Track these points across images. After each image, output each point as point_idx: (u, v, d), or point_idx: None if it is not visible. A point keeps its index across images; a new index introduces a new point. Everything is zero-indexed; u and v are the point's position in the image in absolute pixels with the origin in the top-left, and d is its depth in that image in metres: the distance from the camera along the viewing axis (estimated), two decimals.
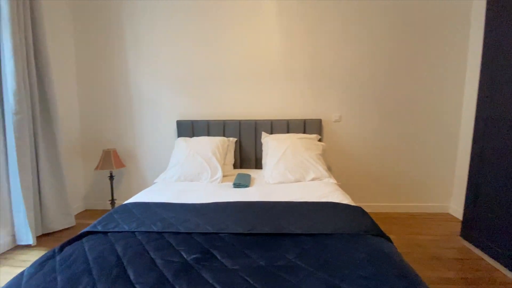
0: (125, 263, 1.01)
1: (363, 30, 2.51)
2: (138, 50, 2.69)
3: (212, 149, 2.33)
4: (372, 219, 1.40)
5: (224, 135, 2.64)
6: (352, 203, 1.58)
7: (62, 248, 1.14)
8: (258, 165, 2.64)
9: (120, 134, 2.82)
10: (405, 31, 2.49)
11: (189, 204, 1.61)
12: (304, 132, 2.55)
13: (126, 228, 1.29)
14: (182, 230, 1.26)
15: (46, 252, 1.13)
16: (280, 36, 2.57)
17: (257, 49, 2.61)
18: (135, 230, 1.28)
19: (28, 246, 2.10)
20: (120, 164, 2.62)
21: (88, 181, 2.91)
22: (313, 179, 2.03)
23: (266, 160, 2.31)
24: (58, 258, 1.06)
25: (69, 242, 1.18)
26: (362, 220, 1.36)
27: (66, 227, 2.40)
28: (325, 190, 1.79)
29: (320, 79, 2.60)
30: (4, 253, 2.02)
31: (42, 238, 2.24)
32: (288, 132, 2.57)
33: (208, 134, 2.66)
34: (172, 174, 2.22)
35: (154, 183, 2.23)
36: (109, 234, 1.26)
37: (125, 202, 1.72)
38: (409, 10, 2.46)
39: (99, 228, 1.29)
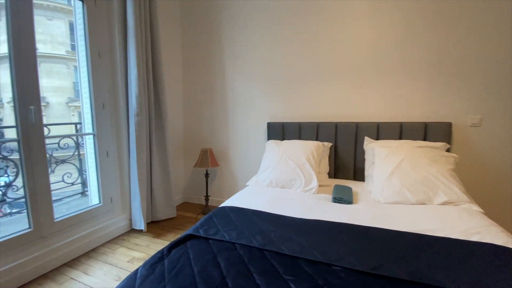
0: (230, 285, 0.90)
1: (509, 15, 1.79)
2: (234, 51, 2.74)
3: (306, 154, 2.11)
4: None
5: (317, 139, 2.39)
6: None
7: (170, 250, 1.14)
8: (357, 176, 2.27)
9: (216, 134, 2.95)
10: None
11: (286, 217, 1.44)
12: (425, 139, 2.02)
13: (227, 238, 1.21)
14: (286, 252, 1.08)
15: (156, 252, 1.14)
16: (389, 24, 2.12)
17: (360, 40, 2.23)
18: (236, 241, 1.18)
19: (140, 231, 2.40)
20: (215, 163, 2.72)
21: (187, 176, 3.17)
22: (444, 203, 1.54)
23: (373, 171, 1.92)
24: (166, 262, 1.05)
25: (176, 244, 1.18)
26: None
27: (169, 217, 2.65)
28: (471, 223, 1.29)
29: (450, 71, 2.00)
30: (122, 235, 2.36)
31: (150, 225, 2.53)
32: (400, 138, 2.10)
33: (300, 138, 2.46)
34: (264, 178, 2.12)
35: (247, 185, 2.18)
36: (210, 241, 1.21)
37: (222, 204, 1.69)
38: None
39: (201, 233, 1.26)
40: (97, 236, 2.16)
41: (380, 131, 2.16)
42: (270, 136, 2.58)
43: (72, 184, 2.83)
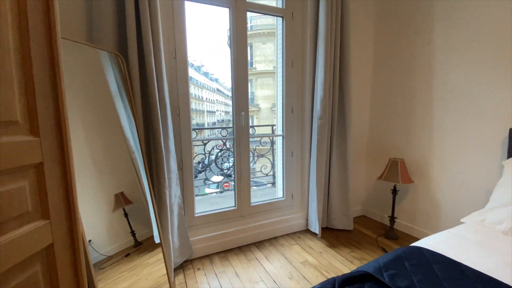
0: None
1: None
2: (449, 38, 1.98)
3: None
4: None
5: None
6: None
7: (342, 286, 0.94)
8: None
9: (411, 142, 2.33)
10: None
11: None
12: None
13: None
14: None
15: (325, 281, 0.98)
16: None
17: None
18: None
19: (314, 234, 2.39)
20: (408, 179, 2.15)
21: (369, 188, 2.79)
22: None
23: None
24: None
25: (350, 281, 0.96)
26: None
27: (345, 228, 2.45)
28: None
29: None
30: (298, 232, 2.46)
31: (325, 230, 2.45)
32: None
33: None
34: (498, 218, 1.33)
35: (462, 222, 1.49)
36: None
37: (419, 243, 1.23)
38: None
39: (386, 279, 0.94)
40: (279, 227, 2.39)
41: None
42: None
43: (266, 175, 3.40)
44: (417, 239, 2.21)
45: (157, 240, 1.64)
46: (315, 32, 2.27)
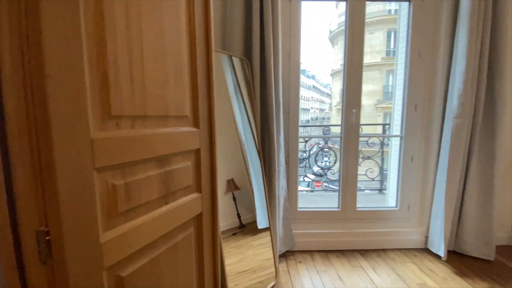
0: None
1: None
2: None
3: None
4: None
5: None
6: None
7: None
8: None
9: None
10: None
11: None
12: None
13: None
14: None
15: None
16: None
17: None
18: None
19: (437, 256, 2.00)
20: None
21: None
22: None
23: None
24: None
25: None
26: None
27: (481, 257, 1.93)
28: None
29: None
30: (414, 249, 2.12)
31: (452, 254, 2.01)
32: None
33: None
34: None
35: None
36: None
37: None
38: None
39: None
40: (389, 239, 2.14)
41: None
42: None
43: (372, 179, 3.10)
44: None
45: (259, 226, 1.79)
46: (454, 15, 1.86)
